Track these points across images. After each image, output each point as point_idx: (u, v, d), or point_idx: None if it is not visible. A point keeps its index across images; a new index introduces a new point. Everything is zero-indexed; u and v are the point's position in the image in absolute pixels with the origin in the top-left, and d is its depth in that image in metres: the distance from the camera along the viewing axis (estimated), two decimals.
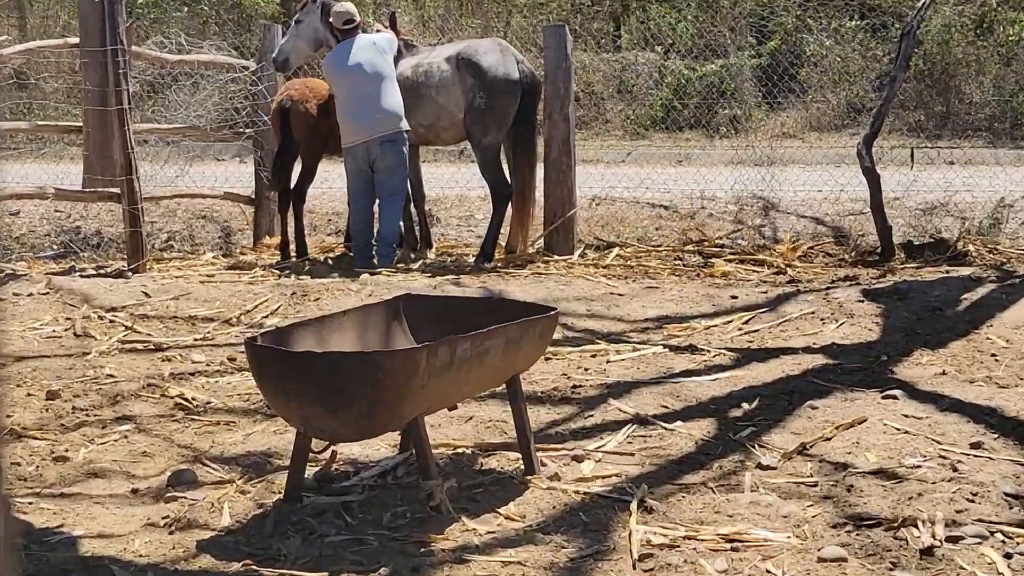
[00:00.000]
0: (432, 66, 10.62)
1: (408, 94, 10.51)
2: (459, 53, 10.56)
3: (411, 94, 10.56)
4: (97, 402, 6.62)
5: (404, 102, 10.38)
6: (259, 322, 8.35)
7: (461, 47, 10.75)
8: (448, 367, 4.66)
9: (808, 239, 11.31)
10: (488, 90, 10.38)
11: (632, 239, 11.62)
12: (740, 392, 6.49)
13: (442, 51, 10.86)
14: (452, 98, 10.52)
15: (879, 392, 6.33)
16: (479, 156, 10.65)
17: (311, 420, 4.64)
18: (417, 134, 10.71)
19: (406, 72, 10.66)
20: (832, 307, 8.26)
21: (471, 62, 10.44)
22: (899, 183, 12.64)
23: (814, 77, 20.56)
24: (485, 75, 10.39)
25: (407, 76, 10.63)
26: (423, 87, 10.60)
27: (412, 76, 10.65)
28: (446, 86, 10.53)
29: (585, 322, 8.29)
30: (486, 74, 10.39)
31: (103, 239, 11.99)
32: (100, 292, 8.95)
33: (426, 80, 10.60)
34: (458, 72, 10.47)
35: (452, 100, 10.52)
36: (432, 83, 10.58)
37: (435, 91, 10.57)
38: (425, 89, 10.59)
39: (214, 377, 7.12)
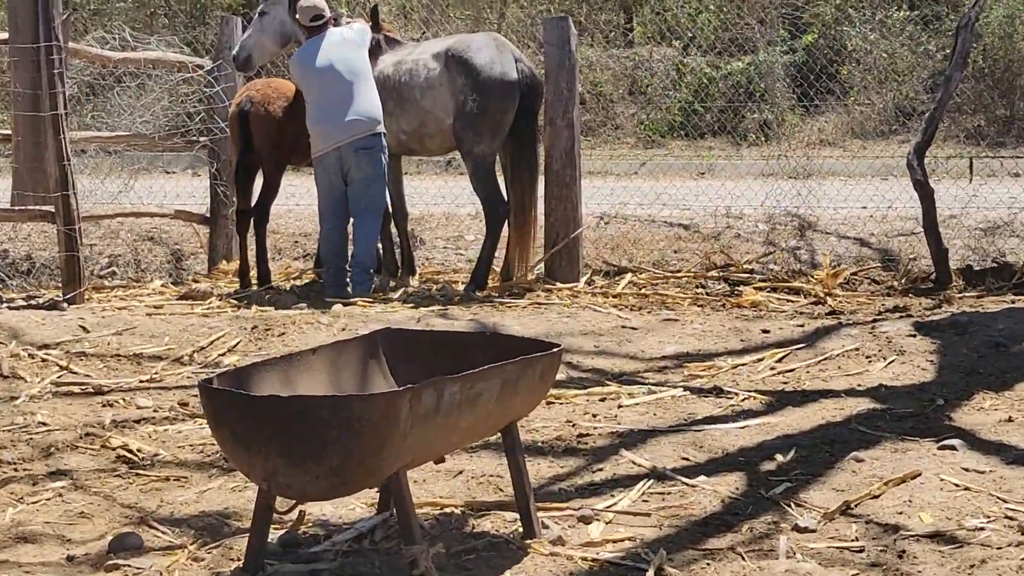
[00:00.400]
0: (417, 64, 10.64)
1: (388, 96, 10.53)
2: (448, 49, 10.58)
3: (392, 96, 10.58)
4: (27, 454, 6.60)
5: (383, 105, 10.39)
6: (215, 361, 8.34)
7: (451, 42, 10.77)
8: (434, 413, 4.65)
9: (851, 263, 11.32)
10: (481, 92, 10.40)
11: (647, 264, 11.62)
12: (773, 442, 6.47)
13: (429, 47, 10.88)
14: (439, 101, 10.54)
15: (935, 442, 6.32)
16: (470, 168, 10.66)
17: (275, 475, 4.61)
18: (399, 142, 10.73)
19: (386, 71, 10.69)
20: (879, 343, 8.26)
21: (462, 59, 10.46)
22: (956, 198, 12.66)
23: (856, 76, 20.62)
24: (478, 75, 10.41)
25: (387, 75, 10.66)
26: (406, 88, 10.62)
27: (393, 75, 10.67)
28: (433, 87, 10.55)
29: (593, 360, 8.28)
30: (479, 73, 10.41)
31: (34, 264, 11.99)
32: (31, 326, 8.93)
33: (410, 80, 10.62)
34: (447, 71, 10.49)
35: (439, 103, 10.54)
36: (417, 83, 10.60)
37: (420, 93, 10.59)
38: (408, 90, 10.61)
39: (163, 425, 7.10)
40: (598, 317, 9.32)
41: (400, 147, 10.86)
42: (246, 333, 8.84)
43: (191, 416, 7.19)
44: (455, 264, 12.09)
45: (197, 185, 14.99)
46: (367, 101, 10.25)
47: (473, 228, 13.61)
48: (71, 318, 9.24)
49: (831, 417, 6.87)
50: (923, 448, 6.26)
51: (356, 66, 10.30)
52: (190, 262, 12.62)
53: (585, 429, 6.80)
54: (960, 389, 7.31)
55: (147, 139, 12.30)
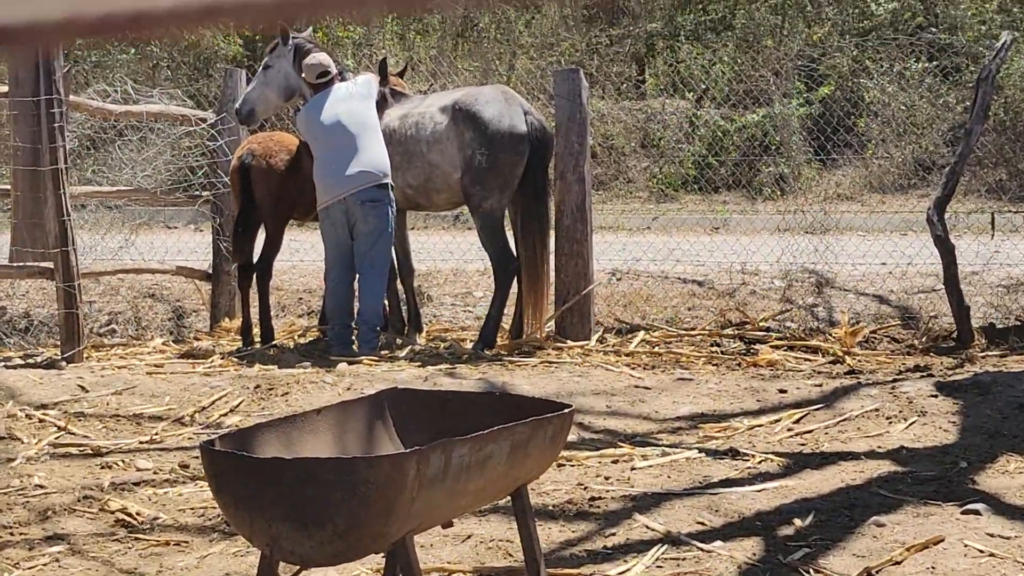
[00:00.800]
0: (424, 117, 10.67)
1: (395, 150, 10.56)
2: (456, 102, 10.61)
3: (398, 150, 10.61)
4: (23, 518, 6.58)
5: (390, 159, 10.42)
6: (217, 421, 8.33)
7: (458, 95, 10.80)
8: (442, 476, 4.63)
9: (870, 321, 11.31)
10: (490, 146, 10.42)
11: (660, 321, 11.62)
12: (791, 506, 6.45)
13: (435, 100, 10.92)
14: (447, 155, 10.56)
15: (958, 506, 6.29)
16: (479, 223, 10.67)
17: (278, 540, 4.59)
18: (405, 197, 10.75)
19: (392, 124, 10.72)
20: (900, 403, 8.24)
21: (470, 113, 10.49)
22: (978, 254, 12.65)
23: (874, 129, 20.68)
24: (486, 128, 10.43)
25: (393, 128, 10.69)
26: (412, 142, 10.65)
27: (400, 129, 10.71)
28: (440, 141, 10.58)
29: (605, 421, 8.26)
30: (487, 127, 10.43)
31: (32, 322, 12.00)
32: (28, 386, 8.93)
33: (416, 133, 10.65)
34: (454, 124, 10.52)
35: (447, 158, 10.57)
36: (423, 137, 10.63)
37: (427, 147, 10.62)
38: (415, 144, 10.64)
39: (163, 488, 7.09)
40: (610, 376, 9.31)
41: (407, 202, 10.88)
42: (249, 392, 8.83)
43: (192, 478, 7.17)
44: (463, 321, 12.09)
45: (199, 240, 15.02)
46: (374, 153, 10.28)
47: (482, 284, 13.61)
48: (70, 377, 9.24)
49: (851, 480, 6.84)
50: (946, 512, 6.23)
51: (363, 119, 10.34)
52: (192, 319, 12.63)
53: (597, 492, 6.77)
54: (984, 451, 7.28)
55: (149, 194, 12.34)
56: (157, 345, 11.15)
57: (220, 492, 4.72)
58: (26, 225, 12.50)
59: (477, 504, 5.34)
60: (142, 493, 6.99)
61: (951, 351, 10.11)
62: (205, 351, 10.65)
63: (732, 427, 8.05)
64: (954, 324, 10.45)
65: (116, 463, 7.50)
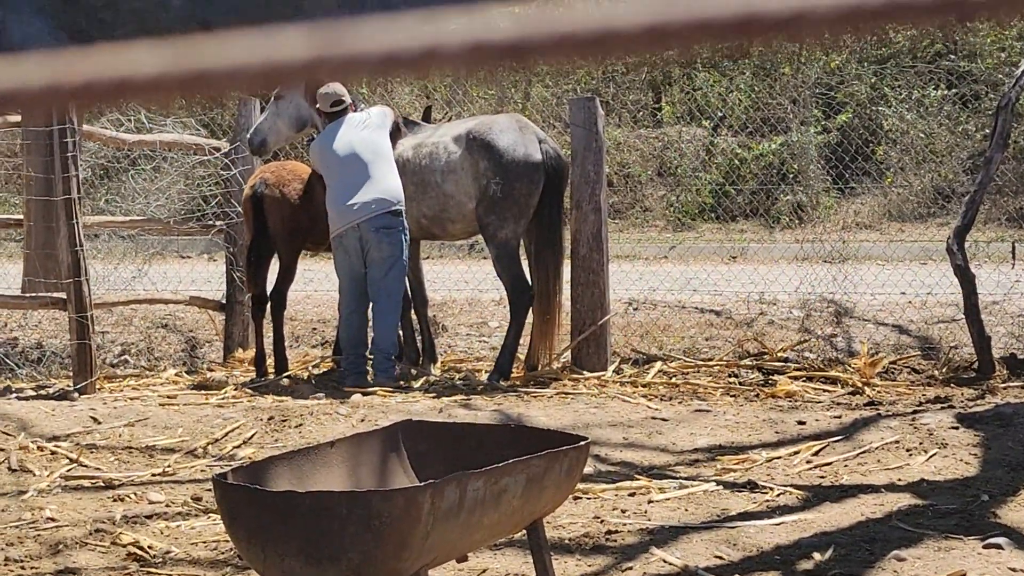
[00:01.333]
0: (438, 147, 10.68)
1: (408, 180, 10.58)
2: (470, 132, 10.62)
3: (412, 180, 10.62)
4: (35, 551, 6.58)
5: (404, 189, 10.43)
6: (230, 453, 8.33)
7: (472, 124, 10.81)
8: (457, 510, 4.62)
9: (890, 352, 11.27)
10: (505, 175, 10.43)
11: (677, 352, 11.59)
12: (810, 539, 6.42)
13: (449, 129, 10.93)
14: (461, 185, 10.57)
15: (979, 540, 6.26)
16: (494, 253, 10.67)
17: (292, 574, 4.59)
18: (420, 227, 10.76)
19: (406, 154, 10.73)
20: (920, 435, 8.20)
21: (484, 142, 10.50)
22: (998, 284, 12.62)
23: (893, 157, 20.67)
24: (501, 157, 10.44)
25: (407, 158, 10.70)
26: (427, 171, 10.66)
27: (414, 159, 10.72)
28: (454, 171, 10.59)
29: (622, 453, 8.24)
30: (502, 156, 10.44)
31: (45, 353, 12.01)
32: (40, 417, 8.93)
33: (430, 163, 10.66)
34: (469, 154, 10.53)
35: (461, 187, 10.57)
36: (438, 167, 10.64)
37: (441, 176, 10.63)
38: (429, 174, 10.65)
39: (175, 521, 7.08)
40: (627, 408, 9.29)
41: (421, 232, 10.89)
42: (262, 424, 8.83)
43: (205, 511, 7.16)
44: (478, 351, 12.08)
45: (213, 270, 15.03)
46: (388, 181, 10.29)
47: (497, 314, 13.61)
48: (82, 409, 9.25)
49: (871, 513, 6.81)
50: (967, 546, 6.20)
51: (377, 147, 10.35)
52: (205, 350, 12.64)
53: (614, 525, 6.75)
54: (1006, 484, 7.24)
55: (162, 223, 12.36)
56: (170, 376, 11.15)
57: (233, 526, 4.72)
58: (38, 255, 12.53)
59: (492, 538, 5.33)
60: (154, 526, 6.99)
61: (972, 382, 10.07)
62: (219, 382, 10.66)
63: (750, 459, 8.03)
64: (975, 354, 10.41)
65: (128, 496, 7.50)
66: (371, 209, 10.17)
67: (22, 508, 7.24)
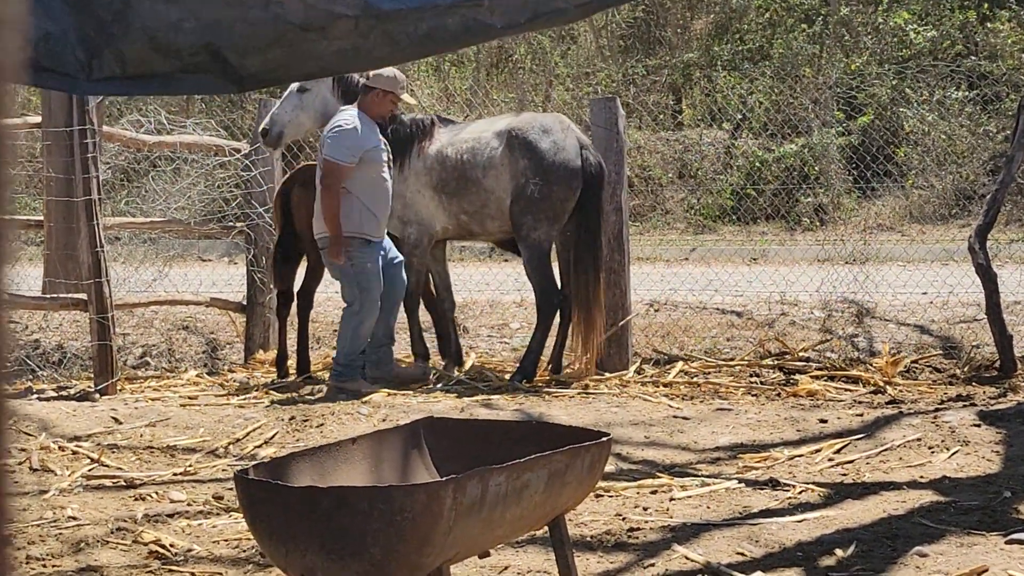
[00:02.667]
0: (479, 142, 10.61)
1: (449, 175, 10.59)
2: (512, 128, 10.58)
3: (453, 175, 10.60)
4: (56, 550, 6.59)
5: (445, 185, 10.56)
6: (251, 453, 8.34)
7: (515, 121, 10.76)
8: (479, 506, 4.62)
9: (911, 351, 11.26)
10: (544, 176, 10.39)
11: (698, 352, 11.59)
12: (832, 536, 6.41)
13: (488, 125, 10.86)
14: (501, 181, 10.52)
15: (1002, 536, 6.24)
16: (526, 254, 10.62)
17: (314, 570, 4.59)
18: (459, 224, 10.66)
19: (445, 150, 10.65)
20: (942, 433, 8.19)
21: (526, 140, 10.47)
22: (1020, 283, 12.59)
23: (914, 158, 20.64)
24: (542, 159, 10.40)
25: (446, 155, 10.61)
26: (468, 167, 10.54)
27: (454, 155, 10.60)
28: (495, 166, 10.54)
29: (643, 451, 8.24)
30: (543, 157, 10.39)
31: (66, 355, 12.05)
32: (62, 418, 8.96)
33: (472, 159, 10.51)
34: (509, 151, 10.50)
35: (501, 184, 10.53)
36: (479, 162, 10.55)
37: (482, 172, 10.56)
38: (471, 169, 10.56)
39: (197, 519, 7.09)
40: (648, 407, 9.29)
41: (460, 229, 10.82)
42: (283, 424, 8.85)
43: (226, 510, 7.18)
44: (500, 353, 12.08)
45: (233, 272, 15.07)
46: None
47: (518, 316, 13.62)
48: (103, 409, 9.27)
49: (893, 510, 6.80)
50: (990, 542, 6.18)
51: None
52: (226, 351, 12.66)
53: (636, 523, 6.75)
54: None
55: (182, 225, 12.37)
56: (191, 377, 11.18)
57: (254, 522, 4.72)
58: (59, 257, 12.57)
59: (514, 534, 5.33)
60: (176, 525, 7.00)
61: (994, 381, 10.05)
62: (239, 384, 10.68)
63: (772, 457, 8.02)
64: (996, 354, 10.39)
65: (150, 495, 7.52)
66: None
67: (44, 507, 7.26)
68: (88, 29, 4.17)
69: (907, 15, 23.41)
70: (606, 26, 26.76)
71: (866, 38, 23.94)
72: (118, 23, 4.17)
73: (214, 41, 4.16)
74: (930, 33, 23.20)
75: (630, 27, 26.98)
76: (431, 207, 10.71)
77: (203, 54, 4.18)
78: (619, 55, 26.19)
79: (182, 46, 4.18)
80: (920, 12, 23.70)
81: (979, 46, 23.18)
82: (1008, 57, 22.25)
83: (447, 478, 4.62)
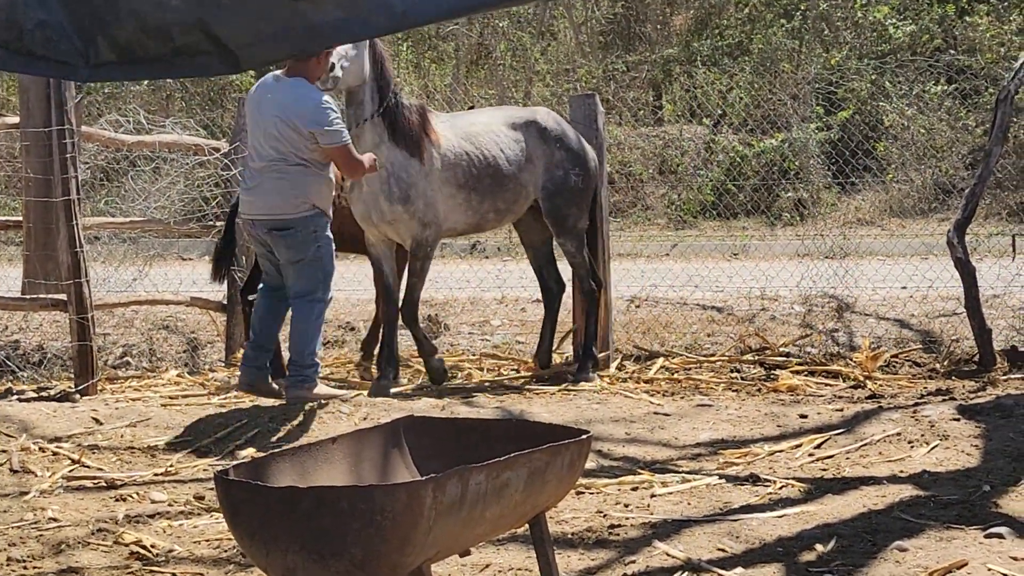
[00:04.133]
0: (501, 136, 10.25)
1: (483, 172, 10.16)
2: (536, 121, 10.39)
3: (486, 172, 10.15)
4: (37, 551, 6.58)
5: (480, 184, 10.09)
6: (232, 452, 8.33)
7: (531, 114, 10.58)
8: (459, 504, 4.62)
9: (891, 345, 11.28)
10: (583, 166, 10.44)
11: (679, 348, 11.61)
12: (813, 531, 6.43)
13: (492, 118, 10.50)
14: (534, 176, 10.33)
15: (981, 530, 6.27)
16: (573, 244, 10.53)
17: (295, 571, 4.59)
18: (482, 220, 10.37)
19: (463, 146, 10.13)
20: (922, 427, 8.22)
21: (558, 133, 10.42)
22: (999, 277, 12.62)
23: (894, 152, 20.69)
24: (580, 150, 10.48)
25: (466, 151, 10.12)
26: (503, 164, 10.19)
27: (477, 152, 10.16)
28: (532, 161, 10.30)
29: (624, 448, 8.25)
30: (578, 149, 10.47)
31: (46, 355, 12.02)
32: (42, 419, 8.94)
33: (504, 154, 10.20)
34: (544, 144, 10.34)
35: (534, 178, 10.34)
36: (512, 158, 10.24)
37: (518, 168, 10.28)
38: (506, 166, 10.21)
39: (178, 520, 7.09)
40: (629, 403, 9.30)
41: (477, 227, 10.45)
42: (264, 424, 8.83)
43: (207, 510, 7.17)
44: (480, 350, 12.08)
45: None
46: None
47: (500, 313, 13.62)
48: (83, 410, 9.25)
49: (873, 505, 6.82)
50: (969, 536, 6.21)
51: None
52: (207, 351, 12.63)
53: (616, 520, 6.76)
54: (1007, 474, 7.25)
55: (162, 224, 12.34)
56: (171, 377, 11.15)
57: (235, 523, 4.72)
58: (38, 257, 12.54)
59: (495, 532, 5.34)
60: (157, 525, 6.99)
61: (973, 374, 10.09)
62: (220, 383, 10.66)
63: (752, 453, 8.04)
64: (976, 347, 10.42)
65: (130, 495, 7.51)
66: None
67: (24, 509, 7.25)
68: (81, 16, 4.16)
69: (886, 9, 23.45)
70: (586, 22, 26.79)
71: (845, 33, 23.98)
72: (108, 8, 4.16)
73: (203, 17, 4.13)
74: (909, 27, 23.24)
75: (610, 23, 27.02)
76: (450, 205, 10.07)
77: (195, 33, 4.16)
78: (599, 51, 26.22)
79: (172, 26, 4.15)
80: (899, 6, 23.74)
81: (958, 40, 23.24)
82: (986, 51, 22.30)
83: (427, 477, 4.63)
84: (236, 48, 4.17)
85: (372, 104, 9.71)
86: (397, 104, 9.78)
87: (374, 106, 9.70)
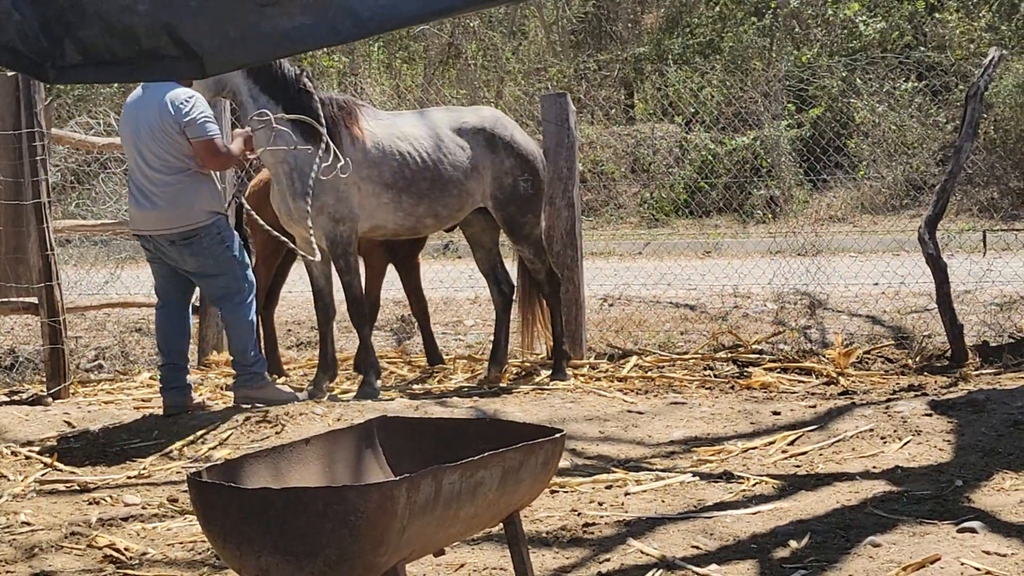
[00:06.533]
0: (443, 140, 10.00)
1: (422, 176, 9.91)
2: (484, 127, 10.14)
3: (426, 175, 9.90)
4: (9, 556, 6.56)
5: (413, 186, 9.86)
6: (206, 455, 8.32)
7: (477, 119, 10.26)
8: (433, 504, 4.62)
9: (863, 342, 11.32)
10: (531, 172, 10.25)
11: (652, 346, 11.62)
12: (786, 528, 6.45)
13: (438, 121, 10.20)
14: (483, 183, 10.10)
15: (954, 525, 6.29)
16: (531, 250, 10.42)
17: (269, 572, 4.59)
18: (419, 224, 10.13)
19: (397, 145, 9.88)
20: (894, 423, 8.24)
21: (506, 139, 10.17)
22: (970, 273, 12.68)
23: (865, 149, 20.75)
24: (525, 156, 10.24)
25: (400, 151, 9.87)
26: (442, 167, 9.93)
27: (413, 152, 9.89)
28: (478, 169, 10.07)
29: (598, 446, 8.26)
30: (526, 154, 10.26)
31: (17, 359, 11.98)
32: (14, 423, 8.91)
33: (445, 159, 9.95)
34: (491, 152, 10.11)
35: (482, 186, 10.11)
36: (458, 163, 10.00)
37: (464, 175, 10.03)
38: (448, 171, 9.96)
39: (151, 523, 7.07)
40: (603, 402, 9.31)
41: (412, 230, 10.16)
42: (238, 425, 8.82)
43: (181, 512, 7.16)
44: (454, 350, 12.08)
45: None
46: None
47: (473, 313, 13.63)
48: (56, 413, 9.23)
49: (846, 501, 6.84)
50: (942, 531, 6.23)
51: None
52: None
53: (591, 518, 6.77)
54: (979, 469, 7.28)
55: None
56: (144, 380, 11.13)
57: (208, 525, 4.71)
58: (9, 260, 12.45)
59: (469, 532, 5.34)
60: (130, 528, 6.98)
61: (945, 370, 10.12)
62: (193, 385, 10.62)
63: (726, 450, 8.05)
64: (948, 343, 10.46)
65: (104, 499, 7.49)
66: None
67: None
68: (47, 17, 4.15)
69: (856, 7, 23.53)
70: (557, 21, 26.81)
71: (816, 30, 24.06)
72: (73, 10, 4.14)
73: (170, 21, 4.12)
74: (879, 24, 23.33)
75: (581, 22, 27.06)
76: (373, 203, 9.80)
77: (161, 36, 4.14)
78: (570, 50, 26.25)
79: (138, 28, 4.14)
80: (869, 4, 23.82)
81: (928, 37, 23.33)
82: (956, 48, 22.39)
83: (401, 477, 4.63)
84: (202, 52, 4.16)
85: (254, 104, 9.50)
86: (305, 98, 9.58)
87: (258, 105, 9.49)
